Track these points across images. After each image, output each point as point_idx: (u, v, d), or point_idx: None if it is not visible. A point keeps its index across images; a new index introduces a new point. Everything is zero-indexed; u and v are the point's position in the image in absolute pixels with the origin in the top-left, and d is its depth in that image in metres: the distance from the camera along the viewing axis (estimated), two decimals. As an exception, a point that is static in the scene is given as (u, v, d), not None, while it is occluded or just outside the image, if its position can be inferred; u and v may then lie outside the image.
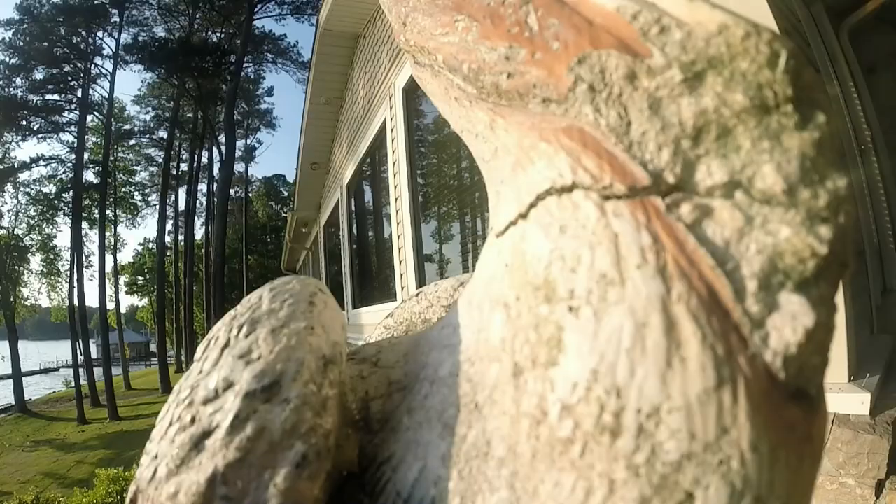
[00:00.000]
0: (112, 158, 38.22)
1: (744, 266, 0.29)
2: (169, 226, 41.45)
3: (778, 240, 0.29)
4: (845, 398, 1.91)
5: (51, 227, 37.69)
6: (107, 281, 34.84)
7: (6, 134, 33.43)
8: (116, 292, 40.89)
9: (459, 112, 0.48)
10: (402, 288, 6.51)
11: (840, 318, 1.91)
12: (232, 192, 46.11)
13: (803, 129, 0.29)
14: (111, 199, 38.93)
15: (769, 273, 0.29)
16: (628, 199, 0.32)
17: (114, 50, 35.44)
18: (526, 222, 0.38)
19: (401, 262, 6.52)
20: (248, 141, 52.49)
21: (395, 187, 6.65)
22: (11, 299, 33.22)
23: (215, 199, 36.04)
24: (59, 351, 72.10)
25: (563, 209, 0.35)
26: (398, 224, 6.59)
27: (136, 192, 44.48)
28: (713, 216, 0.30)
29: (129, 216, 43.87)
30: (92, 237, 37.92)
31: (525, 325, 0.36)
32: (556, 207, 0.36)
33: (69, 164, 35.67)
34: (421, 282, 6.15)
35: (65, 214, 36.70)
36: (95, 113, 35.96)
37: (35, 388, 43.22)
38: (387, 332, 0.86)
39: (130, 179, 43.89)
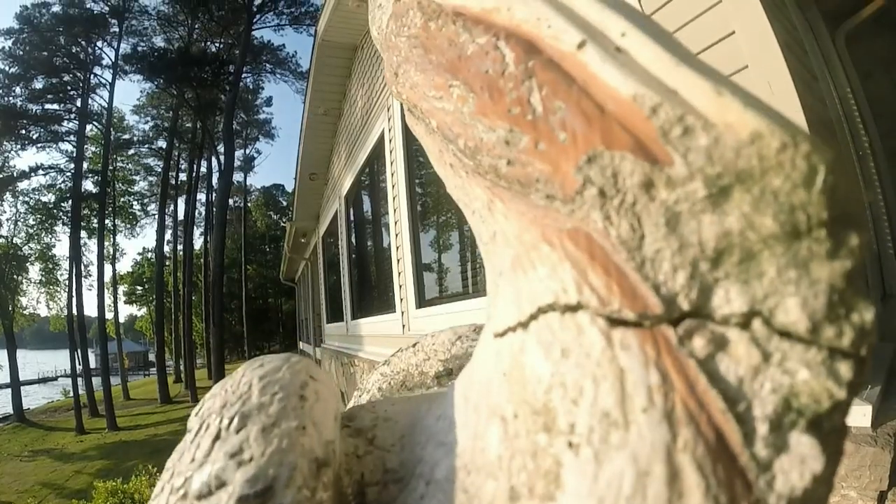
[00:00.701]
0: (111, 168, 38.28)
1: (756, 407, 0.27)
2: (168, 235, 41.51)
3: (795, 380, 0.27)
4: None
5: (49, 236, 37.73)
6: (105, 290, 34.74)
7: (5, 143, 33.52)
8: (115, 302, 40.90)
9: (455, 181, 0.46)
10: (401, 299, 6.50)
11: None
12: (231, 201, 46.23)
13: (835, 258, 0.26)
14: (110, 209, 38.97)
15: (782, 414, 0.27)
16: (637, 327, 0.30)
17: (113, 60, 35.59)
18: (526, 333, 0.36)
19: (400, 273, 6.52)
20: (247, 151, 52.84)
21: (394, 198, 6.66)
22: (10, 308, 33.21)
23: (214, 209, 36.14)
24: (58, 360, 72.06)
25: (566, 330, 0.33)
26: (397, 235, 6.58)
27: (134, 202, 44.54)
28: (728, 350, 0.28)
29: (128, 226, 43.89)
30: (91, 247, 38.00)
31: (523, 448, 0.35)
32: (558, 327, 0.34)
33: (68, 174, 35.72)
34: (420, 292, 6.14)
35: (63, 224, 36.75)
36: (94, 122, 36.04)
37: (33, 398, 43.15)
38: (383, 380, 0.85)
39: (129, 189, 43.93)
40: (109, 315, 39.05)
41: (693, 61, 0.30)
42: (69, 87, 34.80)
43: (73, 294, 31.95)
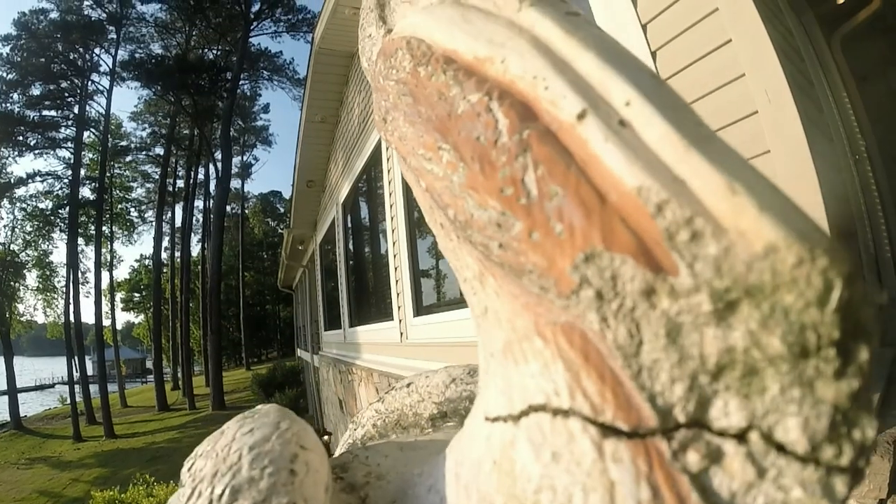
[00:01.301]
0: (108, 175, 38.32)
1: None
2: (165, 242, 41.58)
3: (789, 498, 0.26)
4: (845, 419, 1.88)
5: (47, 243, 37.70)
6: (103, 297, 34.70)
7: (3, 149, 33.54)
8: (112, 309, 40.94)
9: (446, 243, 0.44)
10: (399, 307, 6.48)
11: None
12: (228, 208, 46.14)
13: (842, 378, 0.25)
14: (107, 216, 38.98)
15: None
16: (630, 438, 0.29)
17: (111, 66, 35.69)
18: (517, 428, 0.35)
19: (397, 280, 6.50)
20: (245, 158, 52.96)
21: (391, 205, 6.64)
22: (7, 315, 33.17)
23: (211, 216, 36.12)
24: (55, 367, 71.93)
25: (556, 434, 0.32)
26: (394, 243, 6.57)
27: (132, 209, 44.59)
28: (723, 464, 0.27)
29: (126, 233, 43.88)
30: (88, 253, 38.08)
31: None
32: (549, 429, 0.32)
33: (65, 180, 35.74)
34: (417, 300, 6.13)
35: (61, 231, 36.76)
36: (92, 129, 36.10)
37: (30, 405, 43.10)
38: (377, 416, 0.86)
39: (127, 196, 43.96)
40: (107, 322, 39.12)
41: (704, 141, 0.28)
42: (67, 94, 34.85)
43: (71, 301, 31.95)
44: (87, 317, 40.47)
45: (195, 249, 46.46)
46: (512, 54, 0.36)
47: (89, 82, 35.27)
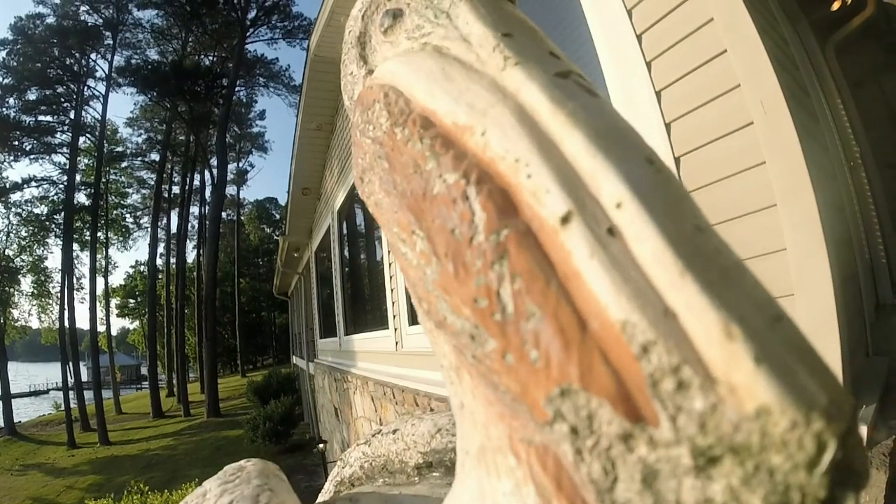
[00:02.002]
0: (104, 180, 38.26)
1: None
2: (160, 248, 41.35)
3: None
4: (840, 430, 1.87)
5: (42, 248, 37.60)
6: (98, 303, 34.65)
7: (-2, 154, 33.45)
8: (107, 315, 40.72)
9: (426, 324, 0.42)
10: (394, 316, 6.46)
11: (835, 348, 1.90)
12: (224, 214, 46.15)
13: None
14: (103, 222, 38.88)
15: None
16: None
17: (107, 72, 35.63)
18: None
19: (392, 289, 6.48)
20: (240, 164, 52.94)
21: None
22: (1, 320, 33.12)
23: (207, 222, 36.04)
24: (49, 373, 71.84)
25: None
26: (389, 251, 6.55)
27: (127, 215, 44.53)
28: None
29: (121, 238, 43.82)
30: (83, 259, 37.93)
31: None
32: None
33: (61, 186, 35.66)
34: (413, 309, 6.11)
35: (56, 236, 36.61)
36: (88, 135, 36.04)
37: (25, 411, 42.93)
38: (365, 459, 0.88)
39: (122, 202, 43.93)
40: (101, 328, 38.94)
41: (702, 261, 0.26)
42: (62, 99, 34.80)
43: (66, 306, 31.79)
44: (82, 322, 40.41)
45: (190, 256, 46.60)
46: (493, 127, 0.34)
47: (85, 87, 35.27)
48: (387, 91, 0.44)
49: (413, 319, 6.02)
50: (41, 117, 34.57)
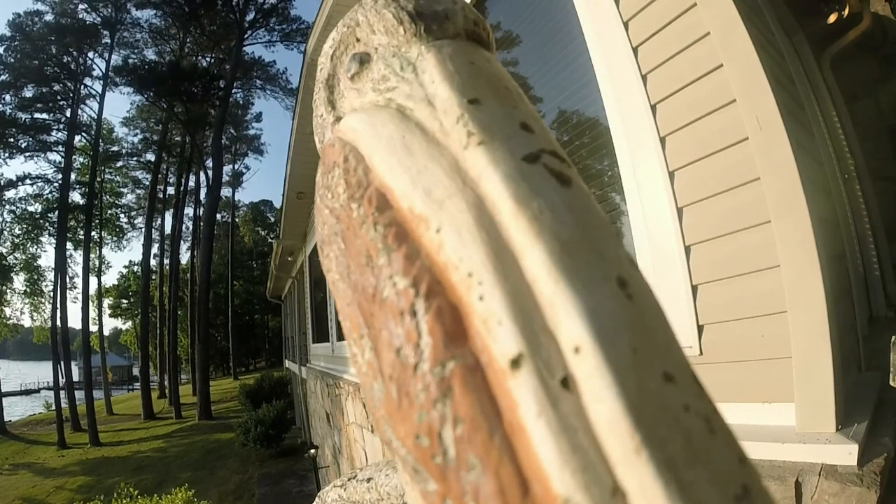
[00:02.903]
0: (99, 180, 38.19)
1: None
2: (154, 249, 41.43)
3: None
4: (832, 449, 1.87)
5: (35, 246, 37.49)
6: (90, 303, 34.47)
7: (-6, 151, 33.36)
8: (100, 315, 40.65)
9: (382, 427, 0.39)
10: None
11: (827, 365, 1.89)
12: (218, 216, 46.14)
13: None
14: (97, 221, 38.81)
15: None
16: None
17: (104, 71, 35.57)
18: None
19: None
20: (236, 166, 52.91)
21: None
22: (-7, 318, 32.99)
23: (201, 224, 36.01)
24: (41, 372, 71.50)
25: None
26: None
27: (122, 215, 44.45)
28: None
29: (115, 238, 43.69)
30: (76, 258, 37.83)
31: None
32: None
33: (55, 184, 35.56)
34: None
35: (50, 234, 36.56)
36: (83, 133, 35.95)
37: (15, 410, 42.81)
38: (340, 502, 0.88)
39: (117, 202, 43.83)
40: (94, 328, 38.84)
41: (662, 438, 0.23)
42: (59, 97, 34.75)
43: (58, 306, 31.73)
44: (74, 322, 40.23)
45: (184, 257, 46.42)
46: (449, 225, 0.32)
47: (82, 86, 35.22)
48: (346, 154, 0.42)
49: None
50: (37, 115, 34.53)
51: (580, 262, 0.27)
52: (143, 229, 38.49)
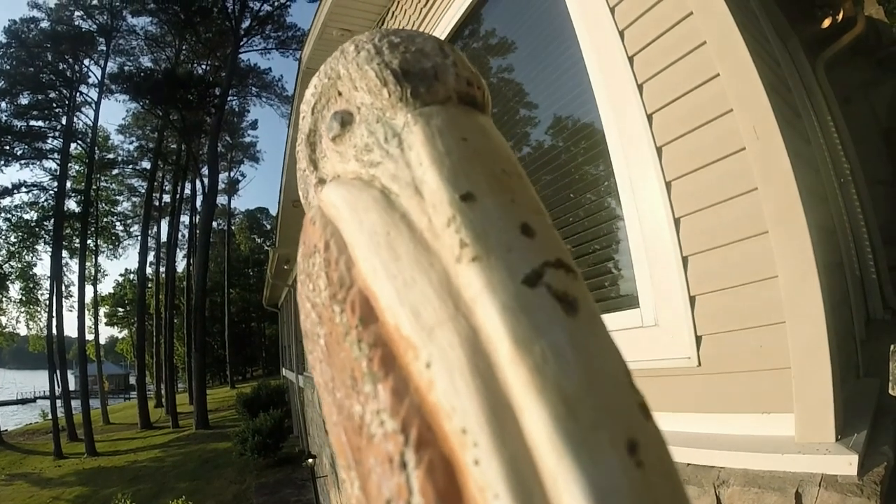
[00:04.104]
0: (94, 188, 38.11)
1: None
2: (150, 257, 41.25)
3: None
4: (832, 459, 1.86)
5: (31, 254, 37.40)
6: (86, 311, 34.44)
7: (-11, 158, 33.31)
8: (96, 323, 40.52)
9: None
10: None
11: (826, 374, 1.88)
12: (214, 224, 46.05)
13: None
14: (92, 229, 38.72)
15: None
16: None
17: (99, 78, 35.60)
18: None
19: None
20: (232, 174, 52.89)
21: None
22: (-11, 326, 32.89)
23: (197, 232, 35.96)
24: (37, 381, 71.42)
25: None
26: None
27: (117, 223, 44.38)
28: None
29: (111, 247, 43.61)
30: (72, 266, 37.74)
31: None
32: None
33: (51, 192, 35.50)
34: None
35: (45, 242, 36.47)
36: (79, 141, 35.93)
37: (11, 419, 42.69)
38: None
39: (112, 209, 43.75)
40: (90, 336, 38.74)
41: None
42: (55, 105, 34.74)
43: (54, 314, 31.62)
44: (71, 331, 40.11)
45: (180, 265, 46.43)
46: (440, 364, 0.29)
47: (78, 93, 35.20)
48: (328, 240, 0.39)
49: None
50: (33, 122, 34.51)
51: (586, 428, 0.25)
52: (139, 237, 38.40)
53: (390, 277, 0.33)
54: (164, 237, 43.55)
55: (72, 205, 37.80)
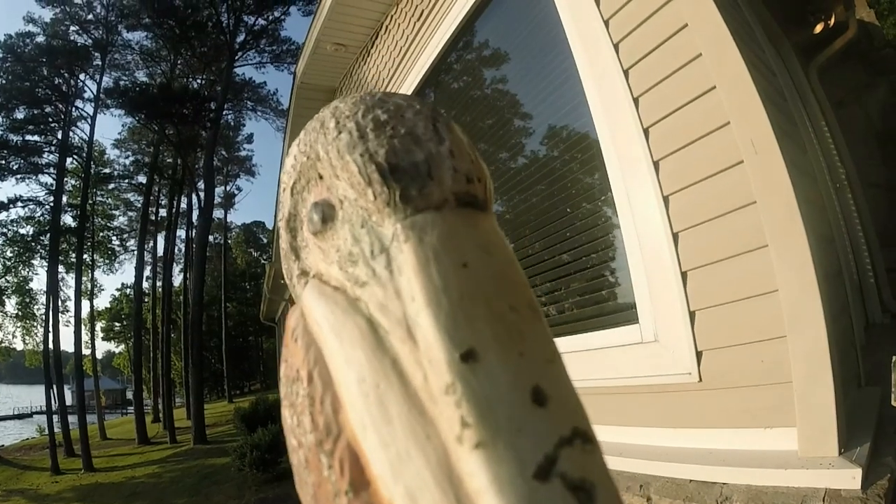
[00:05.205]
0: (90, 202, 38.02)
1: None
2: (147, 272, 41.06)
3: None
4: (836, 474, 1.85)
5: (27, 269, 37.23)
6: (83, 326, 34.28)
7: (-15, 173, 33.25)
8: (92, 338, 40.43)
9: None
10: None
11: (828, 388, 1.87)
12: (211, 238, 45.99)
13: None
14: (89, 244, 38.60)
15: None
16: None
17: (95, 93, 35.51)
18: None
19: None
20: (228, 187, 52.83)
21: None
22: (-15, 342, 32.79)
23: (194, 246, 35.87)
24: (34, 396, 71.19)
25: None
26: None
27: (114, 237, 44.19)
28: None
29: (107, 261, 43.46)
30: (69, 281, 37.55)
31: None
32: None
33: (47, 207, 35.38)
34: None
35: (41, 257, 36.31)
36: (75, 155, 35.83)
37: (8, 434, 42.49)
38: None
39: (108, 224, 43.60)
40: (87, 351, 38.63)
41: None
42: (50, 119, 34.63)
43: (50, 329, 31.48)
44: (67, 345, 40.02)
45: (177, 279, 46.32)
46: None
47: (73, 108, 35.12)
48: (311, 370, 0.35)
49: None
50: (28, 137, 34.34)
51: None
52: (136, 252, 38.35)
53: (382, 445, 0.30)
54: (160, 251, 43.47)
55: (68, 219, 37.66)
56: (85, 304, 37.68)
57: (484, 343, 0.28)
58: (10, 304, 37.70)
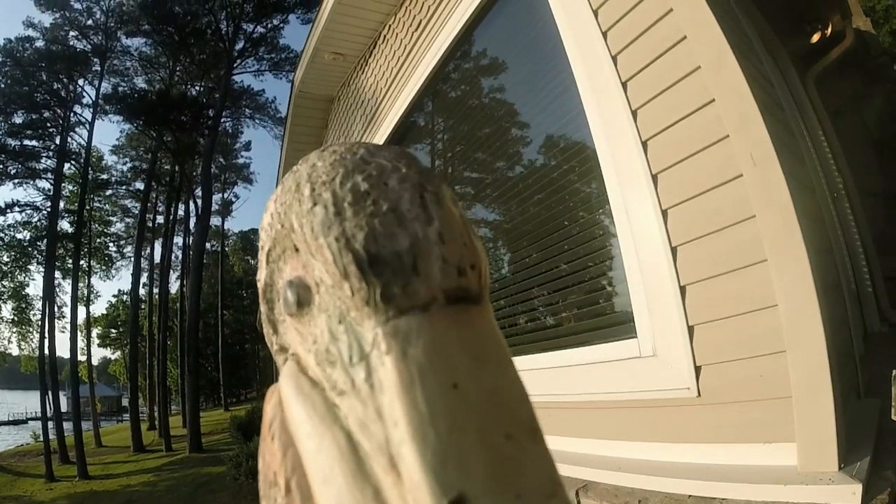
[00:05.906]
0: (88, 208, 37.97)
1: None
2: (143, 278, 41.09)
3: None
4: (836, 489, 1.84)
5: (23, 274, 37.17)
6: (79, 332, 34.18)
7: (-17, 177, 33.21)
8: (88, 344, 40.35)
9: None
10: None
11: (828, 403, 1.86)
12: (208, 245, 46.00)
13: None
14: (86, 250, 38.56)
15: None
16: None
17: (93, 99, 35.51)
18: None
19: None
20: (225, 195, 52.70)
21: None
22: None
23: (191, 253, 35.88)
24: (29, 402, 70.89)
25: None
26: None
27: (111, 244, 44.17)
28: None
29: (104, 267, 43.40)
30: (65, 287, 37.51)
31: None
32: None
33: (44, 212, 35.32)
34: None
35: (38, 263, 36.26)
36: (73, 161, 35.80)
37: (3, 440, 42.33)
38: None
39: (106, 230, 43.57)
40: (82, 357, 38.52)
41: None
42: (49, 124, 34.61)
43: (46, 335, 31.39)
44: (63, 351, 39.89)
45: (174, 286, 46.18)
46: None
47: (72, 113, 35.13)
48: (289, 479, 0.33)
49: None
50: (26, 141, 34.33)
51: None
52: (132, 258, 38.29)
53: None
54: (157, 258, 43.43)
55: (65, 225, 37.67)
56: (81, 311, 37.57)
57: (476, 486, 0.24)
58: (6, 310, 37.66)
